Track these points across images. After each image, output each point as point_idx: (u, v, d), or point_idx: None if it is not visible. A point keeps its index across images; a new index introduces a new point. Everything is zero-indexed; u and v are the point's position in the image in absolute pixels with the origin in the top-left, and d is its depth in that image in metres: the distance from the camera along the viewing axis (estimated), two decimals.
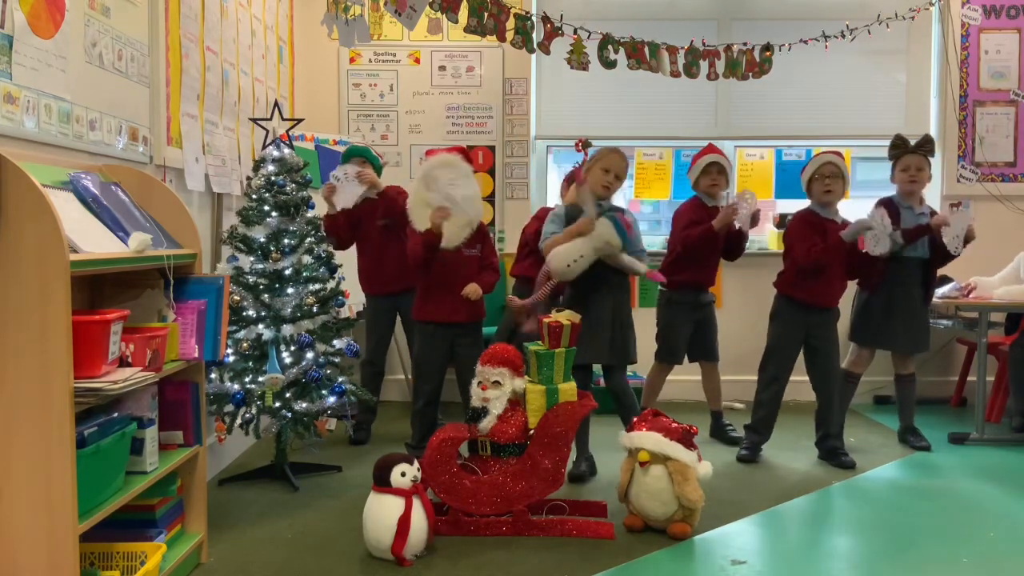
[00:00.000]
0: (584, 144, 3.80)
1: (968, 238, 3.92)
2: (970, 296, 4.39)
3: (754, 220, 3.99)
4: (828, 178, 3.82)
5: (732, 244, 4.14)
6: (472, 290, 3.68)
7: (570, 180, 4.11)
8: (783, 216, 5.19)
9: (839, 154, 3.91)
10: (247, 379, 3.22)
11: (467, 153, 3.88)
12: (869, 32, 4.80)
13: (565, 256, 3.44)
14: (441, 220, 3.59)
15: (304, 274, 3.35)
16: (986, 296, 4.39)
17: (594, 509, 3.14)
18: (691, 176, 4.22)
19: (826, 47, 4.77)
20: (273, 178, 3.32)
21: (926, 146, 4.05)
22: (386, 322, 4.28)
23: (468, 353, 3.76)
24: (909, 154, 4.04)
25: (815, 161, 3.89)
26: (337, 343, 3.41)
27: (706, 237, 3.98)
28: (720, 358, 4.35)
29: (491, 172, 5.28)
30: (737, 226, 3.94)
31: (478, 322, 3.87)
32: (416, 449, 3.78)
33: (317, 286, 3.37)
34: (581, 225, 3.46)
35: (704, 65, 4.67)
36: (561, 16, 4.40)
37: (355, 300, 4.43)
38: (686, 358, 4.31)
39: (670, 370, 4.30)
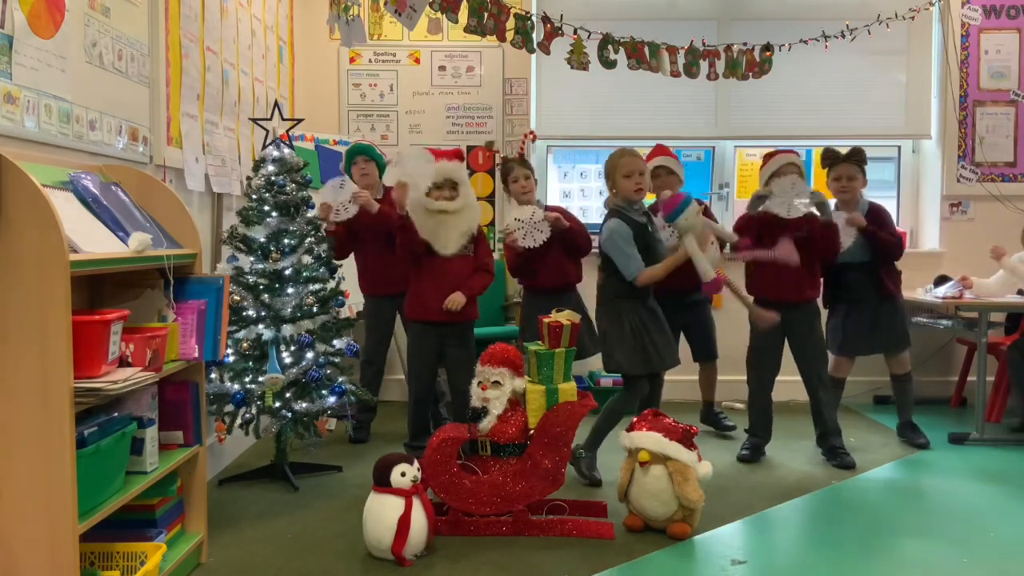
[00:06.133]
0: (489, 145, 4.15)
1: (854, 223, 3.90)
2: (965, 294, 4.38)
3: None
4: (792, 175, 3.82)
5: None
6: (453, 301, 3.66)
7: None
8: None
9: (796, 153, 3.94)
10: (247, 379, 3.22)
11: (462, 155, 3.87)
12: (869, 32, 4.80)
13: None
14: (401, 195, 3.61)
15: (304, 274, 3.35)
16: (985, 294, 4.39)
17: (594, 509, 3.14)
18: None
19: (826, 47, 4.77)
20: (273, 178, 3.32)
21: (856, 156, 4.07)
22: (386, 322, 4.29)
23: (456, 354, 3.76)
24: (840, 163, 4.05)
25: (776, 160, 3.87)
26: (337, 343, 3.41)
27: None
28: (719, 356, 4.36)
29: (491, 172, 5.28)
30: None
31: (469, 322, 3.85)
32: (412, 447, 3.79)
33: (317, 286, 3.37)
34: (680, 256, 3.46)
35: (704, 65, 4.67)
36: (561, 16, 4.39)
37: (355, 300, 4.43)
38: (691, 357, 4.34)
39: None
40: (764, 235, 3.77)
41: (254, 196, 3.33)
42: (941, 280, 4.64)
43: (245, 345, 3.24)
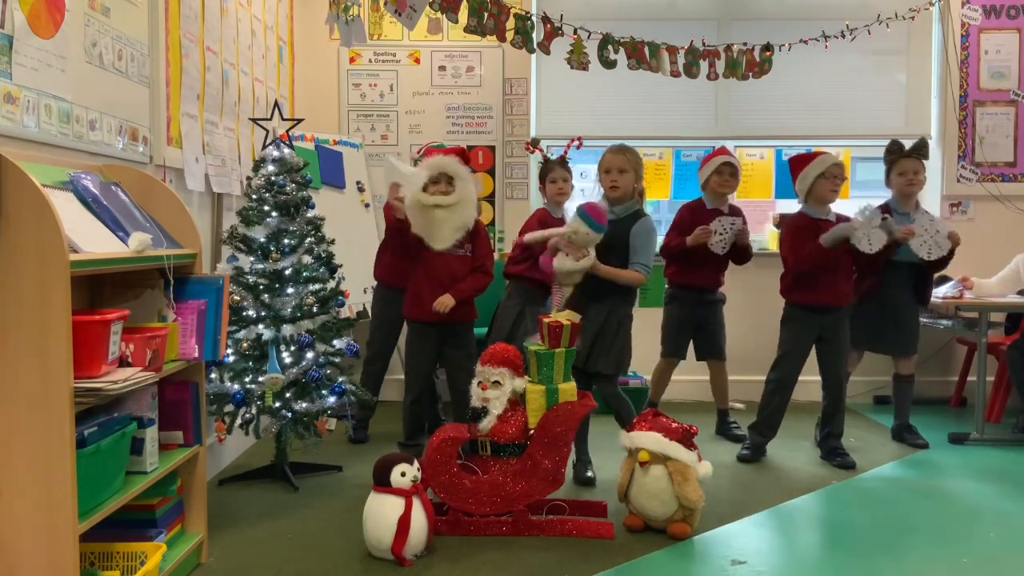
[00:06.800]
0: (534, 143, 4.12)
1: (953, 241, 3.94)
2: (965, 294, 4.39)
3: (741, 238, 4.08)
4: (837, 179, 3.82)
5: (737, 255, 4.20)
6: (441, 303, 3.64)
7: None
8: (783, 216, 5.19)
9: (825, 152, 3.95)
10: (247, 379, 3.22)
11: (466, 154, 3.87)
12: (869, 32, 4.80)
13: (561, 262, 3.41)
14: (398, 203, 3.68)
15: (304, 274, 3.34)
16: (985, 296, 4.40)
17: (594, 509, 3.14)
18: (701, 176, 4.27)
19: (826, 47, 4.78)
20: (273, 178, 3.32)
21: (922, 150, 4.09)
22: (397, 316, 4.21)
23: (455, 355, 3.75)
24: (906, 158, 4.07)
25: (823, 160, 3.83)
26: (337, 343, 3.40)
27: (677, 249, 4.15)
28: (726, 357, 4.36)
29: (491, 172, 5.28)
30: (714, 249, 4.04)
31: (467, 323, 3.84)
32: (405, 446, 3.79)
33: (317, 286, 3.37)
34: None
35: (704, 65, 4.68)
36: (561, 16, 4.40)
37: (355, 300, 4.43)
38: (694, 356, 4.35)
39: (674, 365, 4.33)
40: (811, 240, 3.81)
41: (254, 196, 3.33)
42: (941, 280, 4.64)
43: (245, 345, 3.24)
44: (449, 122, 5.26)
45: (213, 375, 3.17)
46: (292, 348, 3.28)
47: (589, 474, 3.54)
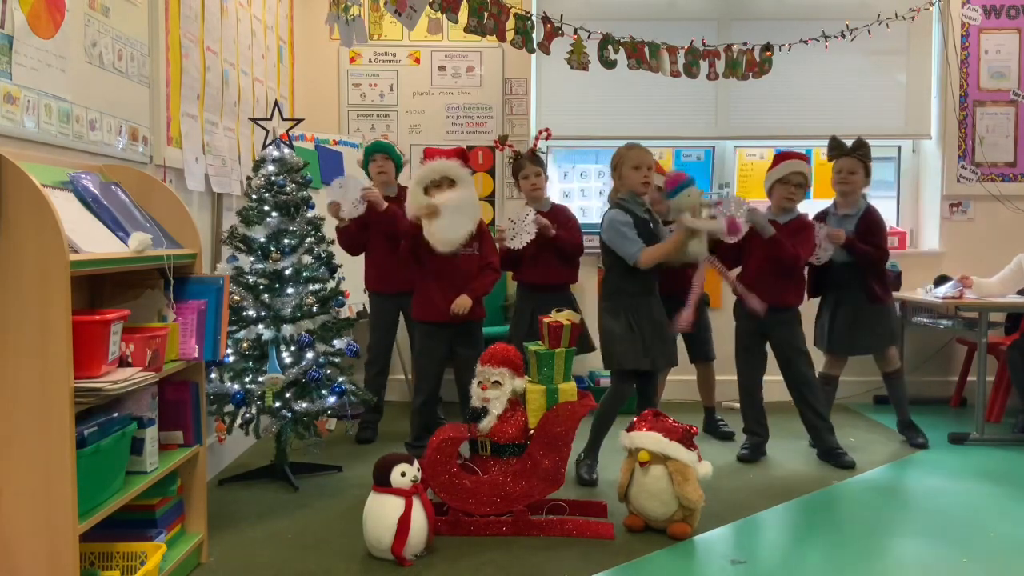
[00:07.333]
0: (502, 139, 4.20)
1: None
2: (964, 292, 4.37)
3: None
4: (795, 186, 3.81)
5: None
6: (459, 305, 3.67)
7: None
8: None
9: (806, 159, 3.92)
10: (247, 379, 3.22)
11: (466, 154, 3.87)
12: (869, 32, 4.80)
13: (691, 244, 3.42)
14: (426, 216, 3.59)
15: (304, 274, 3.35)
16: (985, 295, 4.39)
17: (594, 509, 3.14)
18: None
19: (826, 47, 4.77)
20: (273, 178, 3.32)
21: (860, 149, 4.05)
22: (390, 321, 4.28)
23: (466, 354, 3.75)
24: (844, 157, 4.05)
25: (786, 166, 3.83)
26: (337, 343, 3.41)
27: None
28: (715, 356, 4.36)
29: (491, 172, 5.28)
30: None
31: (477, 322, 3.86)
32: (414, 447, 3.79)
33: (317, 286, 3.37)
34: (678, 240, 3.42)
35: (704, 65, 4.67)
36: (561, 16, 4.39)
37: (355, 300, 4.44)
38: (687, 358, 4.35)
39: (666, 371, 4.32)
40: (745, 245, 3.80)
41: (254, 196, 3.33)
42: (941, 280, 4.64)
43: (245, 345, 3.24)
44: (449, 122, 5.26)
45: (213, 375, 3.18)
46: (292, 348, 3.28)
47: (593, 476, 3.54)
